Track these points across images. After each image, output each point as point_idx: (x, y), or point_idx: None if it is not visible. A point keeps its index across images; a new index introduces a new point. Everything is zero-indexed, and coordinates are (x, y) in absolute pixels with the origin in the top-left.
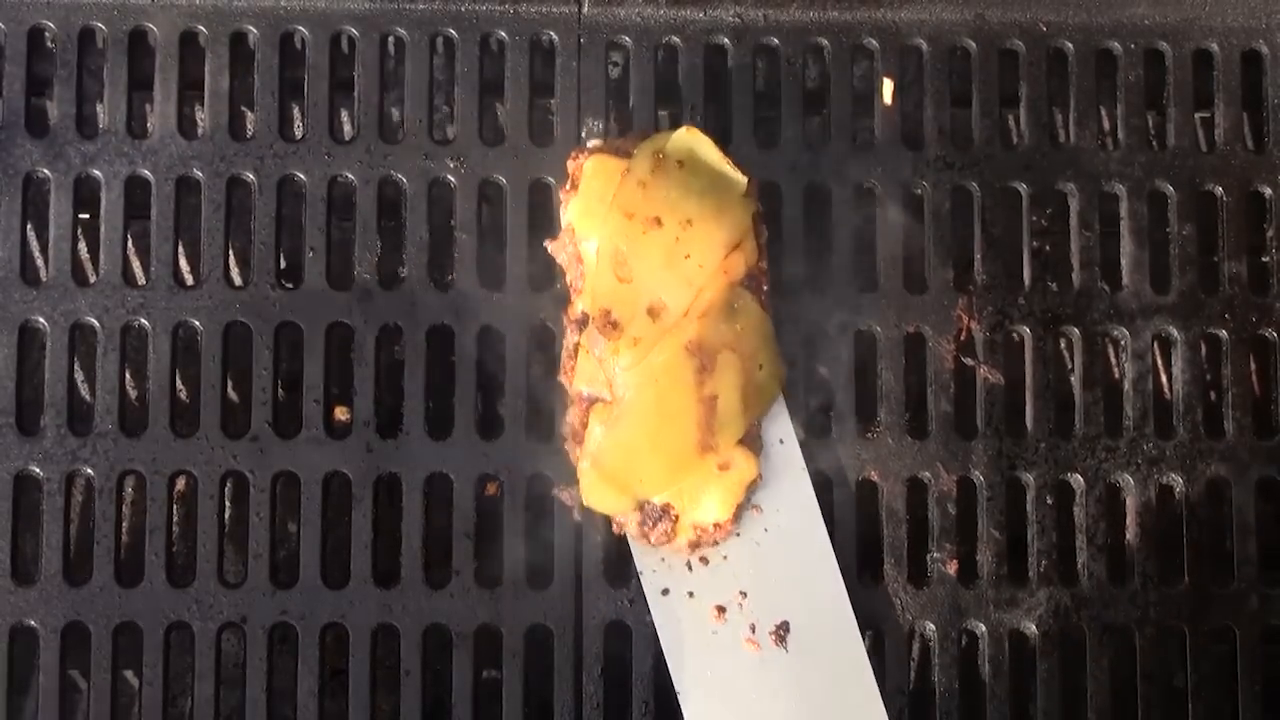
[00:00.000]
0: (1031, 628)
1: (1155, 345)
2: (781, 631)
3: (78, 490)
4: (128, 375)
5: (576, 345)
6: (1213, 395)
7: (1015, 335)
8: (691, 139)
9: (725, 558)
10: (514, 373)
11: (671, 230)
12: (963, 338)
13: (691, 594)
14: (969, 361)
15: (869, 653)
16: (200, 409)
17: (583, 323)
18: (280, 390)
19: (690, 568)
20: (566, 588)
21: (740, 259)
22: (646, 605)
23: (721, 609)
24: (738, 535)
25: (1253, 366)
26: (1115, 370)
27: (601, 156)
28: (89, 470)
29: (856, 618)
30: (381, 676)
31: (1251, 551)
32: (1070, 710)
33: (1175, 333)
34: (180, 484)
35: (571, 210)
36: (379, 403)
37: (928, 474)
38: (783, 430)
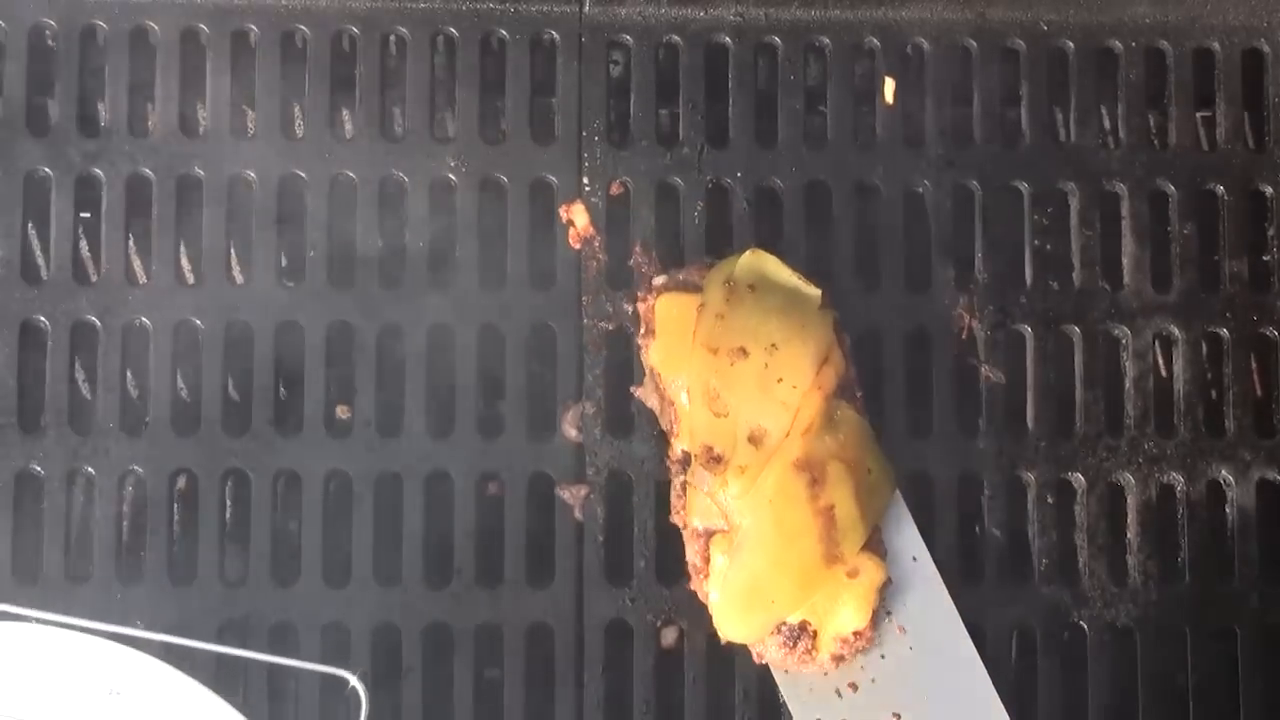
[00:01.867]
0: (1031, 627)
1: (1156, 344)
2: None
3: (78, 489)
4: (129, 374)
5: (684, 484)
6: (1214, 394)
7: (1016, 334)
8: (758, 261)
9: (874, 681)
10: (514, 373)
11: (759, 358)
12: (964, 337)
13: None
14: (970, 360)
15: None
16: (201, 408)
17: (685, 462)
18: (281, 389)
19: (840, 694)
20: (567, 587)
21: (831, 372)
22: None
23: (854, 686)
24: (883, 658)
25: (1254, 365)
26: (1116, 369)
27: (671, 296)
28: (90, 469)
29: None
30: (382, 676)
31: (1252, 551)
32: (1070, 710)
33: (1176, 332)
34: (181, 483)
35: (653, 355)
36: (380, 402)
37: (928, 474)
38: (913, 546)
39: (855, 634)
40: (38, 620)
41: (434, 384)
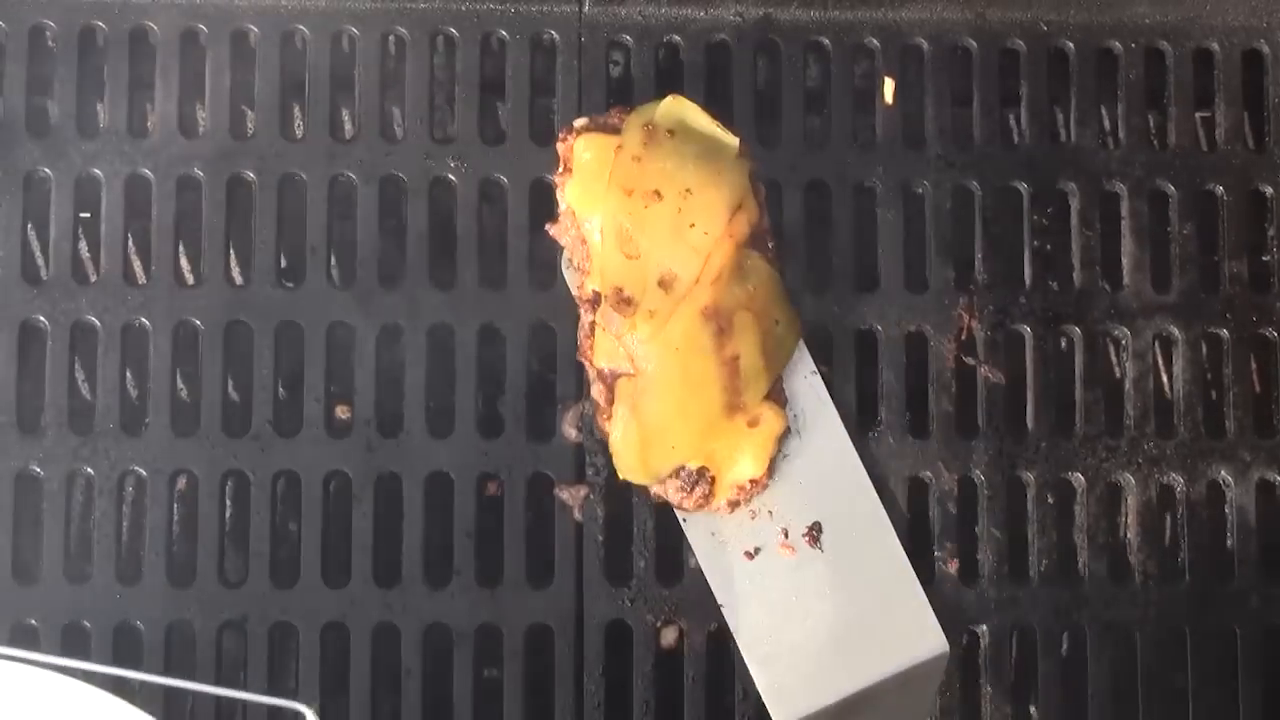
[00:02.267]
0: (1031, 627)
1: (1156, 344)
2: (814, 532)
3: (78, 490)
4: (128, 374)
5: (592, 324)
6: (1213, 394)
7: (1016, 334)
8: (678, 107)
9: (770, 512)
10: (514, 372)
11: (673, 201)
12: (963, 337)
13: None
14: (970, 361)
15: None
16: (201, 408)
17: (595, 302)
18: (281, 389)
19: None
20: (567, 587)
21: (744, 220)
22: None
23: (753, 513)
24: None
25: (1253, 366)
26: (1116, 369)
27: (591, 135)
28: (90, 469)
29: None
30: (381, 676)
31: (1251, 551)
32: (1070, 710)
33: (1176, 332)
34: (181, 483)
35: (569, 193)
36: (379, 402)
37: (928, 473)
38: (806, 368)
39: (752, 481)
40: None
41: (434, 384)
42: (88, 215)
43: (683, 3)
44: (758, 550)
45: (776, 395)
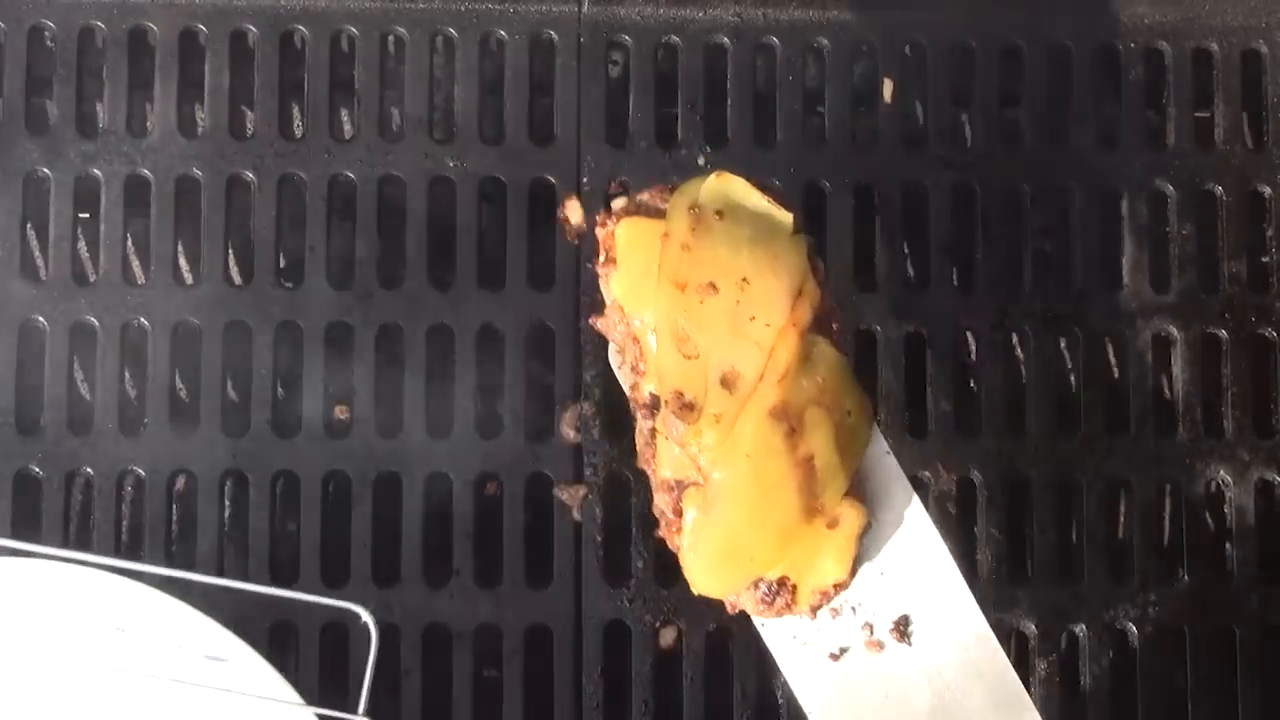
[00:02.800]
0: (1031, 627)
1: (1155, 345)
2: (902, 626)
3: (77, 489)
4: (127, 374)
5: (653, 430)
6: (1213, 395)
7: (1016, 334)
8: (725, 185)
9: (854, 608)
10: (514, 373)
11: (729, 293)
12: (963, 337)
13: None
14: (969, 361)
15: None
16: (200, 408)
17: (654, 406)
18: (280, 389)
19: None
20: (566, 588)
21: (806, 305)
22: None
23: (835, 611)
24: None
25: (1253, 366)
26: (1115, 370)
27: (633, 221)
28: (89, 469)
29: None
30: (381, 676)
31: (1251, 551)
32: (1069, 710)
33: (1175, 332)
34: (180, 483)
35: (615, 288)
36: (379, 402)
37: (927, 473)
38: (879, 448)
39: (836, 585)
40: (44, 556)
41: (433, 384)
42: (87, 215)
43: (682, 3)
44: (843, 651)
45: (855, 490)
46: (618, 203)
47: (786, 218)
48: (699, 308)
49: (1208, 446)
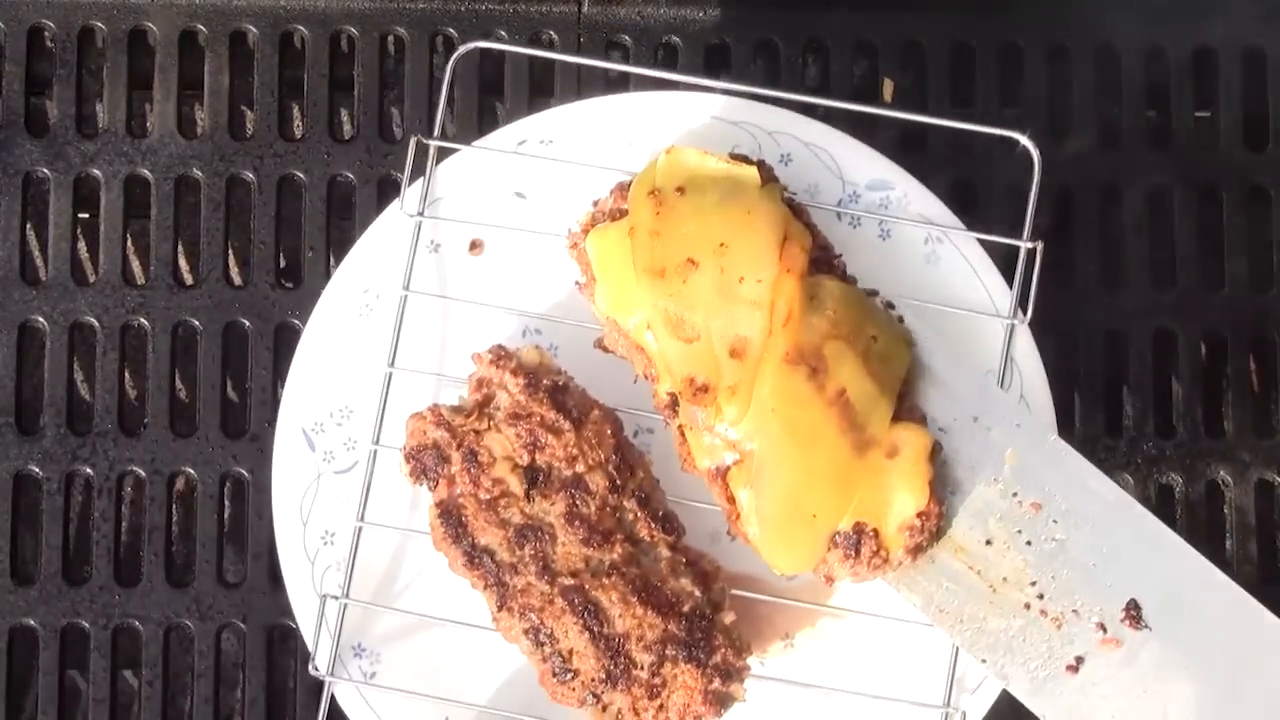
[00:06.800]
0: None
1: (1155, 344)
2: (1133, 611)
3: (77, 490)
4: (127, 375)
5: (681, 429)
6: (1213, 395)
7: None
8: (678, 159)
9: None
10: None
11: (710, 263)
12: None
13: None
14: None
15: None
16: (199, 409)
17: (672, 405)
18: (279, 390)
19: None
20: None
21: (796, 249)
22: None
23: (1057, 620)
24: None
25: (1253, 366)
26: (1116, 369)
27: (598, 231)
28: (88, 470)
29: None
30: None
31: (1251, 551)
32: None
33: (1176, 332)
34: (180, 484)
35: (600, 302)
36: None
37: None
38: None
39: (920, 515)
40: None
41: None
42: (87, 215)
43: (681, 3)
44: (1080, 660)
45: (907, 413)
46: (580, 218)
47: (751, 171)
48: (683, 288)
49: (1207, 446)
